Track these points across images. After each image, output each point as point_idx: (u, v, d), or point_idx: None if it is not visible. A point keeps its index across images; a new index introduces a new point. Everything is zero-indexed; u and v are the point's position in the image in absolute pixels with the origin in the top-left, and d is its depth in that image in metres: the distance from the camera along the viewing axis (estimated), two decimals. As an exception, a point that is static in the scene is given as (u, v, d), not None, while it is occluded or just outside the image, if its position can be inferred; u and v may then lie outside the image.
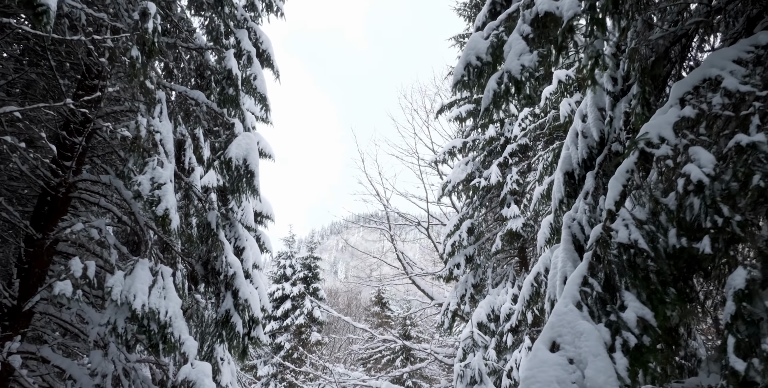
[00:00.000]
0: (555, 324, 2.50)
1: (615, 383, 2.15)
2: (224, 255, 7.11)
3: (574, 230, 4.44)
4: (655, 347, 2.27)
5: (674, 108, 2.73)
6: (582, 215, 4.46)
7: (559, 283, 4.15)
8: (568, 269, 4.16)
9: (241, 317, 6.95)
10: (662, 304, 2.34)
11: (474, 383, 7.94)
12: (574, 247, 4.33)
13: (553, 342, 2.45)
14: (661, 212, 2.47)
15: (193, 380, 5.59)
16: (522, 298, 7.21)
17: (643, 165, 2.75)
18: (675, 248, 2.40)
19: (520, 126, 13.55)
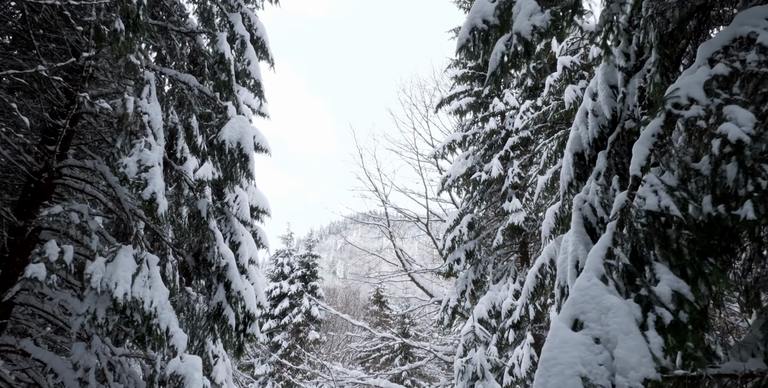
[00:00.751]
0: (577, 300, 2.23)
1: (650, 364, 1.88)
2: (216, 246, 6.83)
3: (586, 212, 4.16)
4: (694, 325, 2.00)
5: (703, 67, 2.47)
6: (593, 196, 4.19)
7: (570, 267, 3.87)
8: (579, 252, 3.88)
9: (233, 309, 6.67)
10: (701, 276, 2.08)
11: (476, 379, 7.66)
12: (586, 229, 4.06)
13: (576, 320, 2.18)
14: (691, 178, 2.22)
15: (182, 375, 5.31)
16: (526, 290, 6.94)
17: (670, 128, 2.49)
18: (710, 216, 2.14)
19: (521, 118, 13.29)
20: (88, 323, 4.30)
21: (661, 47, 3.23)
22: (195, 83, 6.81)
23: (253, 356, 29.13)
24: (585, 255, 3.88)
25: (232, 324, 6.61)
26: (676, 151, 2.38)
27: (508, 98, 13.97)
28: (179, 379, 5.28)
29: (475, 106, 14.91)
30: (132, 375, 5.47)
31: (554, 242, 7.12)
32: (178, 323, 5.74)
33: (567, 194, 4.84)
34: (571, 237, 3.98)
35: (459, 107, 14.65)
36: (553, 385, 1.96)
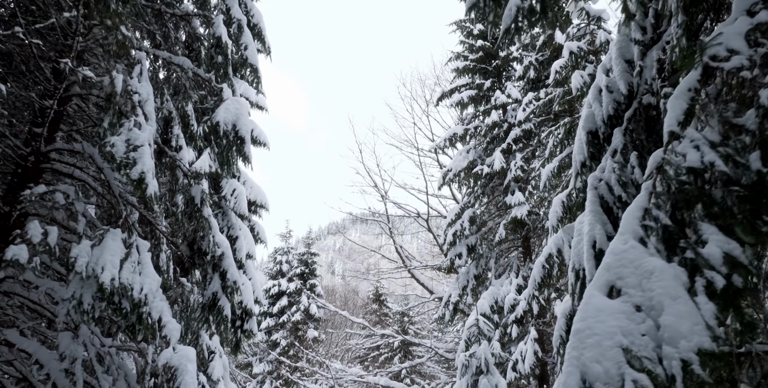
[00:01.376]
0: (612, 265, 1.99)
1: (704, 333, 1.65)
2: (211, 235, 6.57)
3: (602, 191, 3.92)
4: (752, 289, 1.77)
5: (743, 18, 2.24)
6: (610, 174, 3.95)
7: (586, 248, 3.63)
8: (597, 231, 3.64)
9: (229, 300, 6.42)
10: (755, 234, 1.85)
11: (480, 374, 7.41)
12: (602, 209, 3.82)
13: (611, 287, 1.95)
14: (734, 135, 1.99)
15: (175, 366, 5.06)
16: (533, 281, 6.69)
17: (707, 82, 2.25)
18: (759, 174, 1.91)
19: (524, 110, 13.05)
20: (73, 310, 4.04)
21: (687, 6, 2.99)
22: (189, 65, 6.56)
23: (251, 355, 28.91)
24: (603, 234, 3.64)
25: (228, 315, 6.36)
26: (716, 106, 2.15)
27: (511, 90, 13.74)
28: (172, 370, 5.03)
29: (477, 99, 14.68)
30: (122, 367, 5.21)
31: (562, 231, 6.88)
32: (171, 314, 5.50)
33: (579, 176, 4.60)
34: (587, 217, 3.73)
35: (460, 100, 14.41)
36: (590, 358, 1.73)
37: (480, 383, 7.32)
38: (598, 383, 1.67)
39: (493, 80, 14.89)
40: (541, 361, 10.53)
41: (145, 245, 4.79)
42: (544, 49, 14.31)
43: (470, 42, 15.27)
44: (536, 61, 14.09)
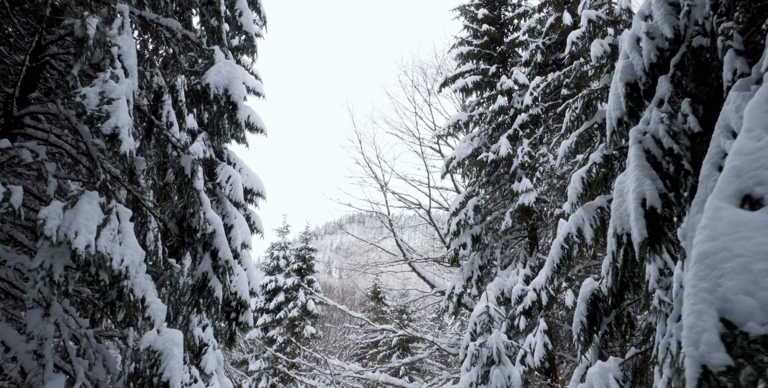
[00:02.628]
0: (744, 169, 1.51)
1: None
2: (202, 211, 6.04)
3: (647, 145, 3.41)
4: None
5: None
6: (656, 125, 3.43)
7: (634, 206, 3.11)
8: (646, 187, 3.13)
9: (221, 281, 5.88)
10: None
11: (491, 364, 6.90)
12: (650, 164, 3.30)
13: (747, 196, 1.47)
14: None
15: (160, 350, 4.54)
16: (550, 262, 6.18)
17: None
18: None
19: (531, 95, 12.55)
20: (42, 282, 3.52)
21: None
22: (178, 26, 6.04)
23: (247, 352, 28.39)
24: (653, 191, 3.13)
25: (219, 297, 5.83)
26: None
27: (517, 76, 13.23)
28: (156, 355, 4.50)
29: (482, 84, 14.17)
30: (100, 351, 4.69)
31: (582, 210, 6.38)
32: (156, 294, 4.97)
33: (614, 135, 4.08)
34: (633, 173, 3.22)
35: (465, 85, 13.90)
36: (734, 288, 1.25)
37: (492, 374, 6.81)
38: (752, 323, 1.19)
39: (498, 66, 14.39)
40: (550, 354, 10.03)
41: (126, 213, 4.27)
42: (551, 33, 13.82)
43: (475, 27, 14.77)
44: (543, 45, 13.59)
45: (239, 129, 5.52)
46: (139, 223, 6.34)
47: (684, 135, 3.29)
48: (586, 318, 6.02)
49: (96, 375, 4.46)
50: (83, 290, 5.58)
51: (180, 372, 4.40)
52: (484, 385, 6.90)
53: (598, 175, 6.34)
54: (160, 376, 4.34)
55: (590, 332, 6.02)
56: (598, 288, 6.21)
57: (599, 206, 6.34)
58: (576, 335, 6.01)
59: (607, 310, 6.17)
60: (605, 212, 6.32)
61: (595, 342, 6.14)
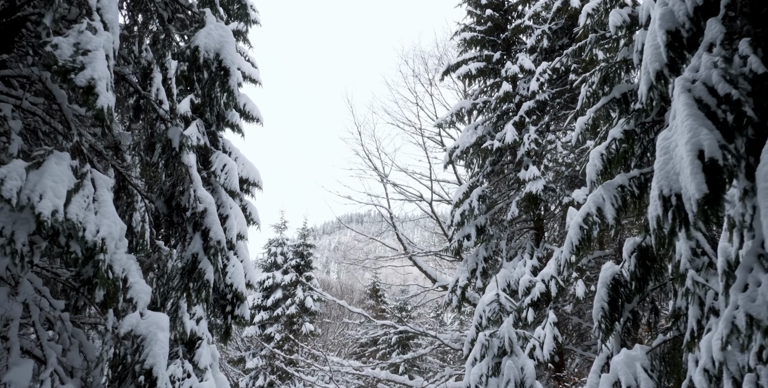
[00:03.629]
0: None
1: None
2: (192, 188, 5.59)
3: (698, 94, 2.97)
4: None
5: None
6: (709, 71, 2.99)
7: (689, 159, 2.67)
8: (703, 137, 2.69)
9: (212, 262, 5.42)
10: None
11: (503, 355, 6.45)
12: (704, 113, 2.86)
13: None
14: None
15: (142, 334, 4.08)
16: (569, 244, 5.74)
17: None
18: None
19: (538, 81, 12.11)
20: (1, 250, 3.06)
21: None
22: (167, -13, 5.57)
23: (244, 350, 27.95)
24: (712, 140, 2.68)
25: (210, 279, 5.36)
26: None
27: (523, 61, 12.78)
28: (138, 340, 4.05)
29: (485, 71, 13.72)
30: (77, 336, 4.23)
31: (602, 188, 5.93)
32: (140, 275, 4.51)
33: (652, 91, 3.63)
34: (685, 123, 2.78)
35: (468, 72, 13.45)
36: None
37: (503, 366, 6.37)
38: None
39: (502, 53, 13.95)
40: (560, 347, 9.59)
41: (104, 181, 3.81)
42: (558, 18, 13.39)
43: (478, 13, 14.32)
44: (549, 31, 13.16)
45: (232, 98, 5.05)
46: (125, 203, 5.88)
47: (744, 79, 2.84)
48: (608, 304, 5.58)
49: (71, 362, 4.01)
50: (62, 272, 5.12)
51: (165, 359, 3.95)
52: (495, 377, 6.46)
53: (619, 152, 5.90)
54: (143, 363, 3.88)
55: (611, 319, 5.58)
56: (619, 272, 5.78)
57: (620, 184, 5.90)
58: (596, 322, 5.57)
59: (629, 296, 5.73)
60: (626, 190, 5.88)
61: (617, 330, 5.70)
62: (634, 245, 5.81)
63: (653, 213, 3.08)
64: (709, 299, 4.54)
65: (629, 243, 5.87)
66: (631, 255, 5.73)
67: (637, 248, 5.75)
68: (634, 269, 5.62)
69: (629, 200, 5.86)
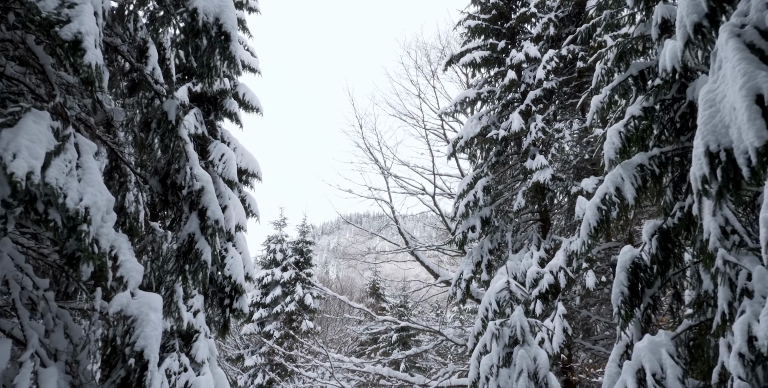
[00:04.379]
0: None
1: None
2: (189, 166, 5.27)
3: (750, 38, 2.67)
4: None
5: None
6: (761, 13, 2.68)
7: (746, 105, 2.37)
8: (761, 80, 2.38)
9: (209, 243, 5.10)
10: None
11: (514, 344, 6.14)
12: (758, 57, 2.54)
13: None
14: None
15: (133, 315, 3.77)
16: (586, 225, 5.43)
17: None
18: None
19: (545, 69, 11.81)
20: (-29, 215, 2.76)
21: None
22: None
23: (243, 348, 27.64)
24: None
25: (207, 261, 5.04)
26: None
27: (528, 49, 12.46)
28: (129, 321, 3.73)
29: (490, 60, 13.41)
30: (62, 317, 3.92)
31: (621, 168, 5.63)
32: (132, 253, 4.20)
33: (688, 48, 3.32)
34: (739, 67, 2.48)
35: (473, 60, 13.14)
36: None
37: (516, 356, 6.06)
38: None
39: (507, 42, 13.64)
40: (570, 340, 9.28)
41: (90, 147, 3.50)
42: (564, 6, 13.11)
43: (483, 0, 14.02)
44: (556, 18, 12.88)
45: (233, 65, 4.74)
46: (117, 182, 5.57)
47: (803, 19, 2.53)
48: (628, 289, 5.27)
49: (54, 344, 3.70)
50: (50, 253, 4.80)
51: (157, 341, 3.64)
52: (506, 367, 6.15)
53: (638, 129, 5.59)
54: (133, 345, 3.57)
55: (631, 304, 5.28)
56: (639, 256, 5.47)
57: (639, 163, 5.59)
58: (616, 308, 5.26)
59: (649, 280, 5.42)
60: (646, 170, 5.58)
61: (636, 317, 5.39)
62: (654, 227, 5.50)
63: (697, 173, 2.77)
64: (740, 280, 4.23)
65: (649, 226, 5.57)
66: (652, 237, 5.43)
67: (658, 230, 5.45)
68: (656, 251, 5.32)
69: (649, 181, 5.56)
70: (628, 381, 4.44)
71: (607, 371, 5.39)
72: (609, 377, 5.31)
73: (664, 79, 5.71)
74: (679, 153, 5.64)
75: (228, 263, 11.48)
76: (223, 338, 12.00)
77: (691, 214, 5.28)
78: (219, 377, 10.71)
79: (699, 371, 4.68)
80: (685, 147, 5.68)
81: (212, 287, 11.98)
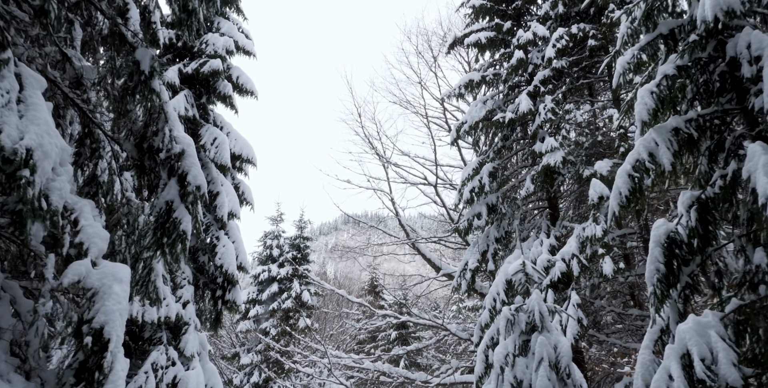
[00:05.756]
0: None
1: None
2: (168, 128, 4.66)
3: None
4: None
5: None
6: None
7: None
8: None
9: (190, 212, 4.47)
10: None
11: (532, 331, 5.54)
12: None
13: None
14: None
15: (94, 287, 3.16)
16: (616, 195, 4.83)
17: None
18: None
19: (554, 47, 11.21)
20: None
21: None
22: None
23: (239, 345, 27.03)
24: None
25: (186, 230, 4.42)
26: None
27: (536, 29, 11.86)
28: (89, 293, 3.12)
29: (496, 41, 12.81)
30: (9, 290, 3.28)
31: (654, 132, 5.03)
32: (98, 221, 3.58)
33: None
34: None
35: (478, 40, 12.53)
36: None
37: (535, 343, 5.45)
38: None
39: (512, 23, 13.05)
40: (584, 331, 8.67)
41: (37, 81, 2.89)
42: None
43: (487, -19, 13.42)
44: (564, -4, 12.28)
45: (212, 3, 4.11)
46: (89, 149, 4.95)
47: None
48: (664, 265, 4.67)
49: (-5, 320, 3.10)
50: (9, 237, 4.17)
51: (122, 318, 3.03)
52: (523, 356, 5.54)
53: (673, 89, 4.99)
54: (91, 321, 2.96)
55: (668, 283, 4.68)
56: (675, 230, 4.87)
57: (674, 127, 5.00)
58: (651, 287, 4.66)
59: (685, 257, 4.82)
60: (681, 134, 4.98)
61: (673, 298, 4.79)
62: (691, 198, 4.90)
63: None
64: (804, 250, 3.65)
65: (685, 196, 4.97)
66: (689, 209, 4.83)
67: (696, 201, 4.85)
68: (695, 224, 4.72)
69: (685, 146, 4.96)
70: (673, 368, 3.84)
71: (640, 359, 4.78)
72: (643, 366, 4.71)
73: (700, 35, 5.12)
74: (718, 116, 5.05)
75: (219, 251, 10.85)
76: (215, 331, 11.38)
77: (735, 182, 4.69)
78: (211, 373, 10.09)
79: (750, 356, 4.09)
80: (725, 109, 5.09)
81: (203, 277, 11.36)
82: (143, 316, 8.84)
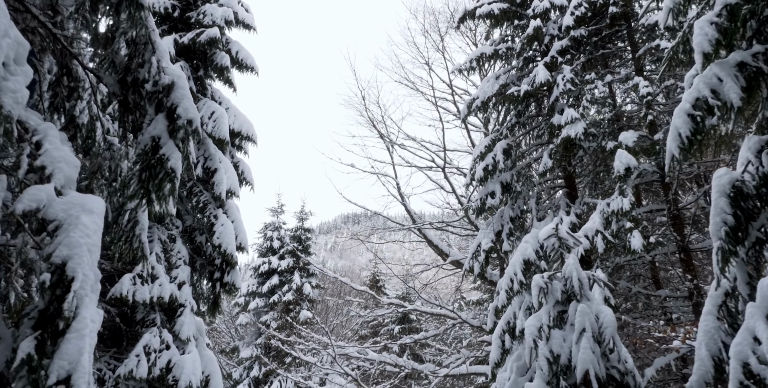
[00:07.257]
0: None
1: None
2: (155, 58, 3.99)
3: None
4: None
5: None
6: None
7: None
8: None
9: (180, 150, 3.80)
10: None
11: (569, 301, 4.89)
12: None
13: None
14: None
15: (57, 219, 2.52)
16: (675, 137, 4.17)
17: None
18: None
19: (572, 15, 10.56)
20: None
21: None
22: None
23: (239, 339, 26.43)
24: None
25: (174, 168, 3.75)
26: None
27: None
28: (51, 225, 2.46)
29: (509, 13, 12.14)
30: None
31: (716, 66, 4.38)
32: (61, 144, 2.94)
33: None
34: None
35: (490, 11, 11.84)
36: None
37: (573, 313, 4.80)
38: None
39: (526, -6, 12.39)
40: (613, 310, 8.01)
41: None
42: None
43: (498, -49, 12.75)
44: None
45: None
46: (66, 87, 4.30)
47: None
48: (732, 217, 4.02)
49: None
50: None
51: (92, 253, 2.39)
52: (559, 328, 4.89)
53: (738, 17, 4.34)
54: (50, 256, 2.31)
55: (735, 239, 4.03)
56: (740, 179, 4.22)
57: (740, 61, 4.34)
58: (718, 242, 4.01)
59: (752, 211, 4.17)
60: (749, 69, 4.33)
61: (741, 257, 4.15)
62: (760, 142, 4.26)
63: None
64: None
65: (752, 141, 4.32)
66: (760, 153, 4.18)
67: (767, 144, 4.21)
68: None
69: (753, 82, 4.31)
70: (760, 328, 3.19)
71: (702, 327, 4.14)
72: (706, 334, 4.06)
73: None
74: (787, 50, 4.40)
75: (218, 231, 10.19)
76: (213, 315, 10.73)
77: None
78: (208, 359, 9.42)
79: None
80: (795, 43, 4.45)
81: (200, 259, 10.70)
82: (134, 295, 8.21)
